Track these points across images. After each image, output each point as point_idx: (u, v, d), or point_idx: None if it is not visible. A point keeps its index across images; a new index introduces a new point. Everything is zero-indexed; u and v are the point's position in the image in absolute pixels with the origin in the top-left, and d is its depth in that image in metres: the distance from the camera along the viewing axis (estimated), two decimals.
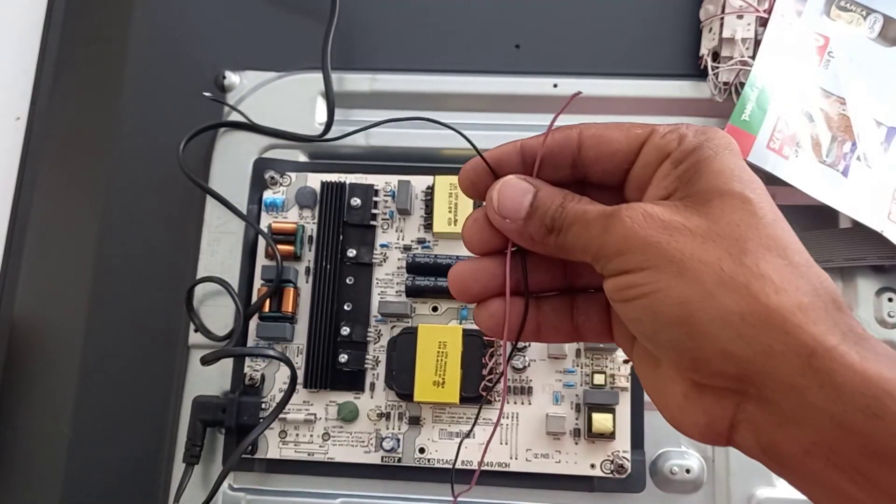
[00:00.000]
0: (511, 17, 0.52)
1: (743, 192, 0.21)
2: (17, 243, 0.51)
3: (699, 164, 0.22)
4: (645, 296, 0.21)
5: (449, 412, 0.45)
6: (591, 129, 0.25)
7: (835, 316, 0.20)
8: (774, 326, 0.20)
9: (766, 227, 0.21)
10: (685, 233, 0.21)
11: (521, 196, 0.24)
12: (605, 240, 0.22)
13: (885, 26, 0.49)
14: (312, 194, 0.48)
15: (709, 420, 0.22)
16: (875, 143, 0.47)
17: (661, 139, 0.23)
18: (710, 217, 0.21)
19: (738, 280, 0.20)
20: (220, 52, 0.53)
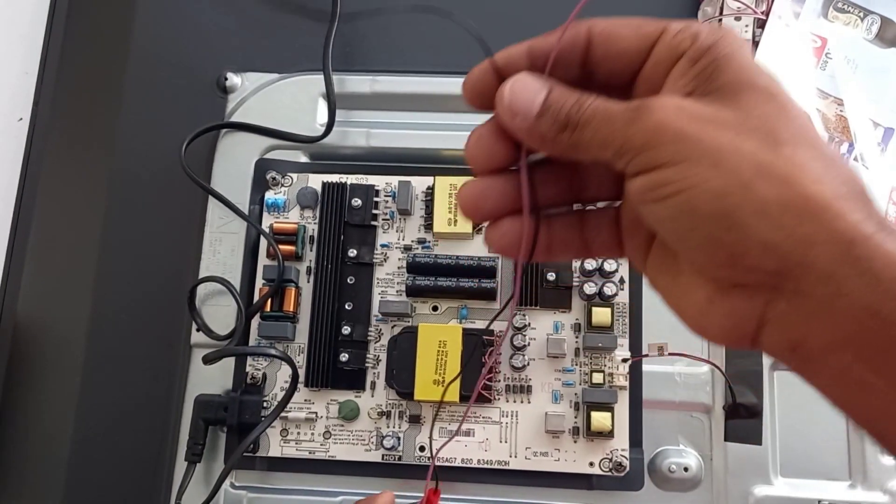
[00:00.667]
0: (511, 18, 0.52)
1: (769, 86, 0.21)
2: (20, 244, 0.51)
3: (719, 60, 0.21)
4: (681, 192, 0.20)
5: (449, 411, 0.45)
6: (601, 25, 0.24)
7: (868, 207, 0.20)
8: (815, 215, 0.19)
9: (795, 119, 0.21)
10: (719, 124, 0.20)
11: (533, 92, 0.23)
12: (631, 132, 0.21)
13: (882, 27, 0.49)
14: (313, 195, 0.48)
15: (735, 322, 0.21)
16: (872, 143, 0.47)
17: (673, 38, 0.22)
18: (741, 109, 0.21)
19: (777, 170, 0.20)
20: (222, 53, 0.53)
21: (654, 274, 0.24)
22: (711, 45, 0.21)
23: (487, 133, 0.24)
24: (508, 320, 0.26)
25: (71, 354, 0.49)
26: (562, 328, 0.46)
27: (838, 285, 0.19)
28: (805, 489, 0.44)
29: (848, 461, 0.45)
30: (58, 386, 0.49)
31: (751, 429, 0.44)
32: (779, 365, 0.46)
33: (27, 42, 0.55)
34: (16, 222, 0.52)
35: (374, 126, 0.51)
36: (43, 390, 0.49)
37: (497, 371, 0.45)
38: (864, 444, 0.44)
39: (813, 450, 0.45)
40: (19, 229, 0.51)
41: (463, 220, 0.46)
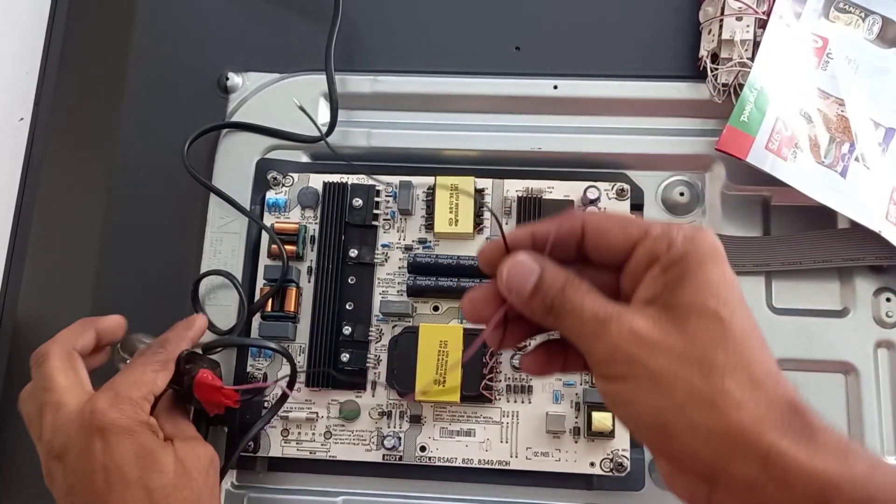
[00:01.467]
0: (511, 18, 0.52)
1: (717, 310, 0.24)
2: (21, 243, 0.51)
3: (683, 275, 0.25)
4: (627, 404, 0.25)
5: (450, 411, 0.45)
6: (594, 220, 0.27)
7: (789, 420, 0.24)
8: (735, 437, 0.23)
9: (734, 343, 0.24)
10: (664, 350, 0.24)
11: (527, 274, 0.27)
12: (595, 345, 0.26)
13: (883, 28, 0.49)
14: (314, 195, 0.48)
15: (690, 495, 0.26)
16: (873, 144, 0.47)
17: (652, 242, 0.26)
18: (685, 334, 0.24)
19: (705, 396, 0.24)
20: (223, 53, 0.53)
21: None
22: (682, 256, 0.25)
23: (481, 297, 0.28)
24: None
25: None
26: None
27: (759, 491, 0.23)
28: None
29: None
30: None
31: None
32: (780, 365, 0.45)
33: (28, 42, 0.55)
34: (16, 222, 0.52)
35: (375, 126, 0.51)
36: None
37: (498, 371, 0.45)
38: (864, 445, 0.44)
39: None
40: (20, 229, 0.51)
41: (464, 220, 0.46)
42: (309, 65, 0.52)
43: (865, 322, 0.46)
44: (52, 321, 0.50)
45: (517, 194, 0.48)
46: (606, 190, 0.47)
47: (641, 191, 0.48)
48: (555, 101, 0.50)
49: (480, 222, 0.47)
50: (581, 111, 0.50)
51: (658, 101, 0.50)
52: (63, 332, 0.40)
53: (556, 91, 0.50)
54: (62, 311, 0.50)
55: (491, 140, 0.50)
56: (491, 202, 0.48)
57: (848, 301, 0.47)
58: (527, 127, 0.50)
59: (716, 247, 0.26)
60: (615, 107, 0.50)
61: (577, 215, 0.28)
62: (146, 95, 0.53)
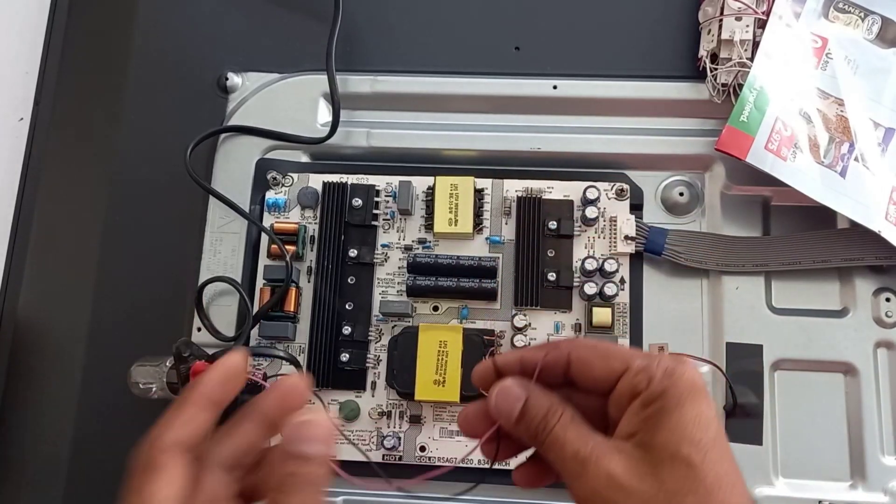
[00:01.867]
0: (511, 18, 0.52)
1: (689, 456, 0.26)
2: (21, 244, 0.51)
3: (660, 413, 0.26)
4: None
5: (450, 411, 0.45)
6: (579, 352, 0.29)
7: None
8: None
9: (705, 489, 0.25)
10: (637, 497, 0.26)
11: (513, 401, 0.29)
12: (575, 484, 0.27)
13: (883, 28, 0.49)
14: (314, 195, 0.48)
15: None
16: (873, 144, 0.47)
17: (633, 377, 0.27)
18: (658, 481, 0.26)
19: None
20: (223, 53, 0.53)
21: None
22: (661, 393, 0.26)
23: (474, 414, 0.30)
24: None
25: (71, 354, 0.49)
26: (562, 328, 0.46)
27: None
28: (805, 489, 0.44)
29: (848, 461, 0.45)
30: (58, 386, 0.49)
31: (751, 429, 0.45)
32: (780, 365, 0.46)
33: (28, 42, 0.55)
34: (16, 222, 0.52)
35: (375, 126, 0.51)
36: (43, 391, 0.49)
37: None
38: (864, 445, 0.44)
39: (813, 450, 0.45)
40: (20, 229, 0.51)
41: (464, 220, 0.46)
42: (309, 65, 0.52)
43: (865, 322, 0.46)
44: (52, 321, 0.50)
45: (517, 194, 0.48)
46: (606, 190, 0.47)
47: (641, 191, 0.48)
48: (554, 101, 0.50)
49: (480, 222, 0.47)
50: (581, 111, 0.50)
51: (658, 101, 0.50)
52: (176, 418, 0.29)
53: (556, 91, 0.50)
54: (62, 312, 0.50)
55: (491, 140, 0.50)
56: (491, 202, 0.48)
57: (848, 301, 0.47)
58: (526, 127, 0.50)
59: (693, 383, 0.27)
60: (615, 107, 0.50)
61: (564, 345, 0.29)
62: (146, 95, 0.53)
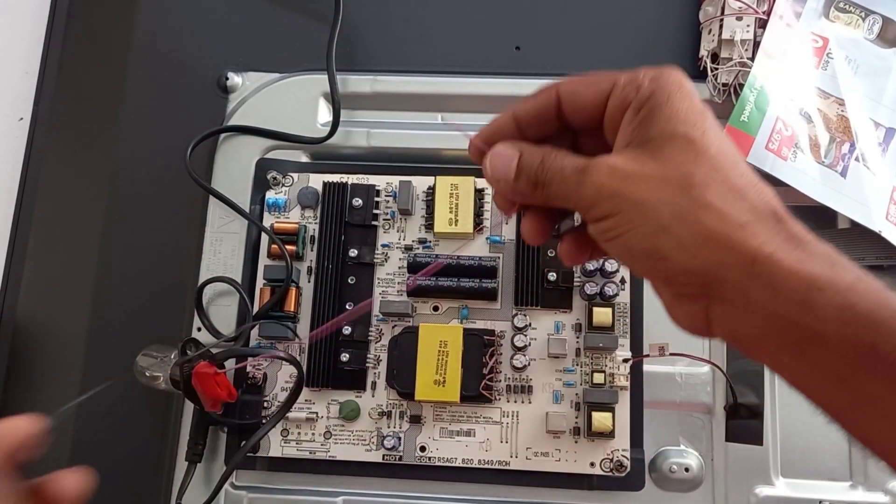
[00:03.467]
0: (511, 18, 0.52)
1: (687, 133, 0.26)
2: (20, 244, 0.51)
3: (652, 111, 0.26)
4: (619, 236, 0.26)
5: (450, 411, 0.45)
6: (567, 86, 0.29)
7: (774, 227, 0.25)
8: (721, 245, 0.24)
9: (709, 160, 0.25)
10: (643, 178, 0.25)
11: (508, 160, 0.29)
12: (581, 193, 0.27)
13: (883, 27, 0.49)
14: (314, 194, 0.48)
15: (692, 319, 0.27)
16: (873, 144, 0.47)
17: (621, 91, 0.27)
18: (661, 161, 0.25)
19: (688, 212, 0.25)
20: (223, 53, 0.53)
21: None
22: (650, 94, 0.26)
23: (498, 198, 0.31)
24: None
25: (71, 355, 0.49)
26: (563, 328, 0.46)
27: (747, 295, 0.24)
28: (806, 489, 0.44)
29: (849, 461, 0.45)
30: (57, 386, 0.49)
31: (752, 429, 0.44)
32: None
33: (28, 42, 0.55)
34: (16, 222, 0.52)
35: (375, 126, 0.51)
36: (43, 391, 0.49)
37: (498, 371, 0.45)
38: None
39: (814, 450, 0.45)
40: (19, 229, 0.51)
41: (464, 220, 0.46)
42: (309, 65, 0.52)
43: None
44: (52, 321, 0.50)
45: None
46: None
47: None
48: None
49: (480, 222, 0.47)
50: None
51: None
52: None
53: None
54: (62, 312, 0.50)
55: None
56: (491, 202, 0.48)
57: None
58: None
59: (680, 80, 0.27)
60: None
61: (551, 86, 0.29)
62: (146, 95, 0.53)
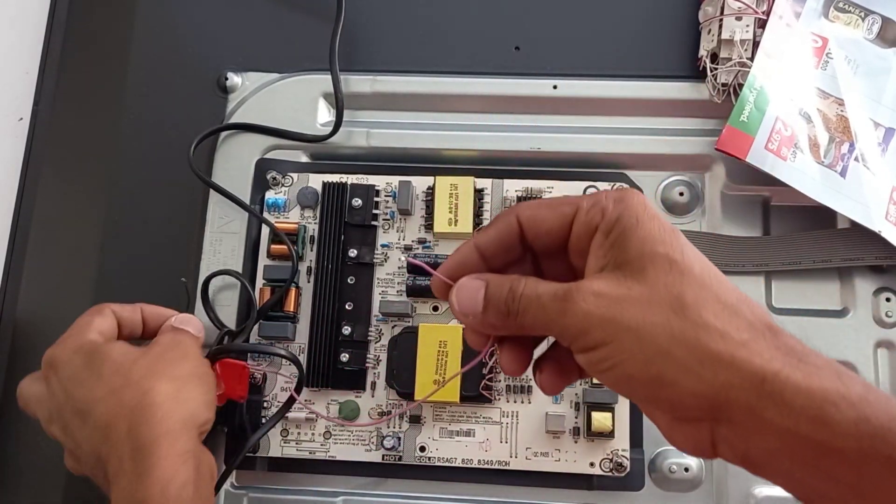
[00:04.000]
0: (511, 18, 0.52)
1: (668, 254, 0.25)
2: (20, 243, 0.51)
3: (624, 233, 0.26)
4: (616, 366, 0.25)
5: (449, 411, 0.45)
6: (526, 211, 0.28)
7: (773, 342, 0.24)
8: (726, 366, 0.24)
9: (695, 279, 0.25)
10: (632, 302, 0.25)
11: (474, 293, 0.28)
12: (565, 322, 0.26)
13: (883, 27, 0.49)
14: (314, 194, 0.48)
15: (693, 442, 0.26)
16: (873, 144, 0.47)
17: (586, 216, 0.27)
18: (646, 283, 0.25)
19: (687, 334, 0.24)
20: (222, 53, 0.53)
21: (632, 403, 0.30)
22: (617, 217, 0.26)
23: (469, 333, 0.30)
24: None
25: None
26: None
27: (759, 415, 0.23)
28: None
29: None
30: None
31: None
32: None
33: (27, 41, 0.55)
34: (16, 222, 0.52)
35: (375, 126, 0.51)
36: None
37: (497, 371, 0.45)
38: None
39: None
40: (19, 229, 0.51)
41: (463, 220, 0.46)
42: (309, 64, 0.52)
43: (865, 322, 0.46)
44: (52, 321, 0.50)
45: (517, 194, 0.48)
46: (606, 190, 0.47)
47: (641, 191, 0.48)
48: (554, 101, 0.50)
49: (480, 222, 0.47)
50: (581, 111, 0.50)
51: (658, 100, 0.50)
52: None
53: (556, 91, 0.50)
54: (62, 311, 0.50)
55: (490, 140, 0.50)
56: (491, 202, 0.48)
57: (848, 301, 0.47)
58: (526, 127, 0.50)
59: (645, 203, 0.27)
60: (615, 107, 0.50)
61: (510, 211, 0.29)
62: (146, 95, 0.53)
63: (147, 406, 0.34)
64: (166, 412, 0.35)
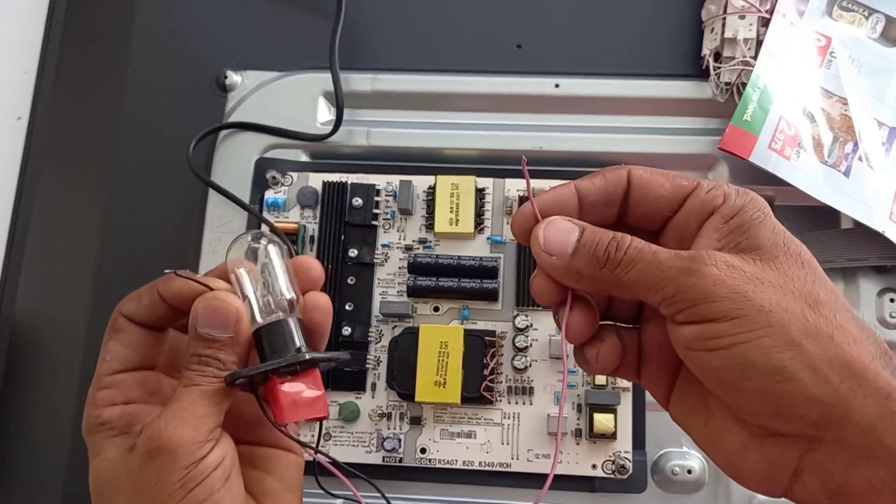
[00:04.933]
0: (512, 17, 0.52)
1: (801, 252, 0.24)
2: (19, 243, 0.51)
3: (751, 222, 0.24)
4: (736, 345, 0.22)
5: (450, 412, 0.45)
6: (639, 171, 0.26)
7: (890, 364, 0.22)
8: (856, 373, 0.22)
9: (826, 283, 0.23)
10: (766, 284, 0.23)
11: (566, 234, 0.25)
12: (687, 283, 0.23)
13: (887, 26, 0.49)
14: (314, 194, 0.48)
15: (769, 468, 0.23)
16: (877, 143, 0.47)
17: (706, 194, 0.25)
18: (780, 271, 0.23)
19: (822, 330, 0.22)
20: (222, 51, 0.53)
21: (682, 415, 0.27)
22: (742, 206, 0.24)
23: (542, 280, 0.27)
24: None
25: (70, 355, 0.49)
26: None
27: (879, 435, 0.21)
28: None
29: None
30: (57, 387, 0.48)
31: None
32: None
33: (26, 41, 0.55)
34: (15, 222, 0.51)
35: (375, 125, 0.50)
36: (42, 391, 0.49)
37: (499, 372, 0.45)
38: None
39: None
40: (18, 229, 0.51)
41: (464, 220, 0.46)
42: (308, 63, 0.51)
43: (869, 322, 0.46)
44: (51, 321, 0.50)
45: (518, 194, 0.47)
46: None
47: None
48: (556, 100, 0.50)
49: (481, 222, 0.47)
50: (583, 110, 0.50)
51: (660, 99, 0.49)
52: None
53: (558, 90, 0.50)
54: (61, 312, 0.50)
55: (492, 139, 0.50)
56: (492, 201, 0.47)
57: (851, 301, 0.46)
58: (528, 126, 0.50)
59: (766, 203, 0.25)
60: (617, 106, 0.50)
61: (622, 168, 0.26)
62: (145, 94, 0.52)
63: None
64: None
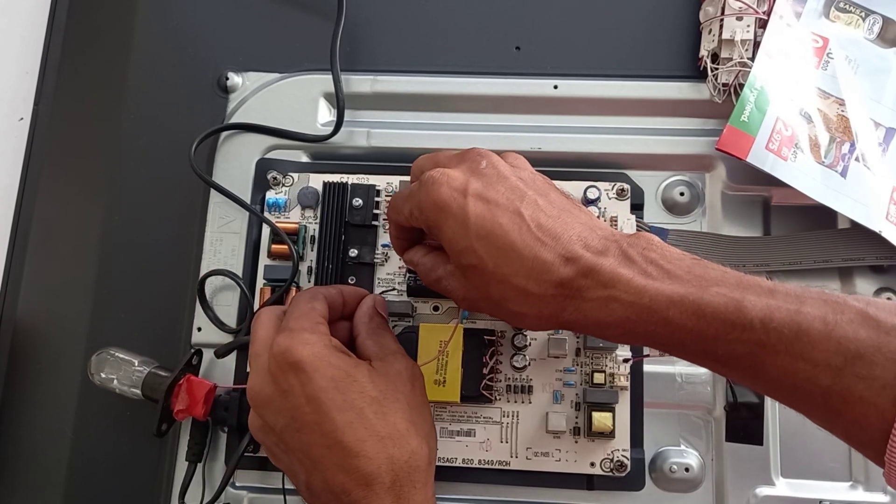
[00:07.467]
0: (511, 18, 0.52)
1: (470, 263, 0.35)
2: (21, 243, 0.51)
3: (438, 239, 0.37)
4: None
5: (450, 411, 0.45)
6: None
7: (616, 252, 0.33)
8: (573, 262, 0.33)
9: (491, 276, 0.35)
10: (470, 292, 0.37)
11: None
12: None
13: (883, 27, 0.49)
14: (314, 194, 0.48)
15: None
16: (873, 144, 0.47)
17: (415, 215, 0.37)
18: (473, 287, 0.36)
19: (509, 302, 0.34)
20: (223, 53, 0.53)
21: None
22: (426, 226, 0.37)
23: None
24: None
25: (71, 354, 0.49)
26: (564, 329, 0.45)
27: (584, 292, 0.33)
28: (806, 489, 0.44)
29: (849, 461, 0.45)
30: (58, 386, 0.49)
31: (752, 429, 0.44)
32: None
33: (28, 42, 0.55)
34: (16, 222, 0.52)
35: (375, 126, 0.51)
36: (43, 390, 0.49)
37: (498, 371, 0.45)
38: None
39: (814, 450, 0.45)
40: (20, 229, 0.51)
41: None
42: (309, 64, 0.52)
43: None
44: (52, 321, 0.50)
45: None
46: (607, 190, 0.47)
47: (642, 191, 0.48)
48: (555, 101, 0.50)
49: None
50: (581, 111, 0.50)
51: (658, 100, 0.50)
52: None
53: (557, 91, 0.50)
54: (62, 312, 0.50)
55: (491, 140, 0.50)
56: None
57: None
58: (527, 127, 0.50)
59: (440, 201, 0.34)
60: (615, 107, 0.50)
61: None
62: (146, 95, 0.53)
63: (414, 469, 0.35)
64: (427, 474, 0.36)
